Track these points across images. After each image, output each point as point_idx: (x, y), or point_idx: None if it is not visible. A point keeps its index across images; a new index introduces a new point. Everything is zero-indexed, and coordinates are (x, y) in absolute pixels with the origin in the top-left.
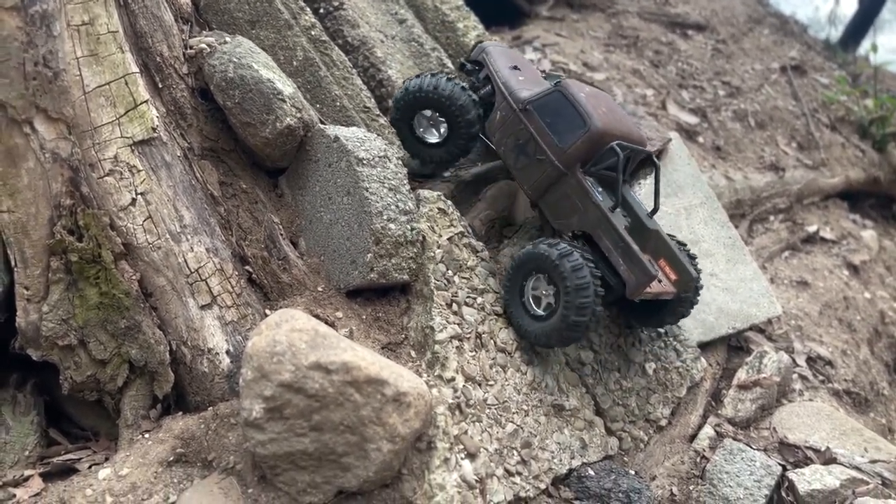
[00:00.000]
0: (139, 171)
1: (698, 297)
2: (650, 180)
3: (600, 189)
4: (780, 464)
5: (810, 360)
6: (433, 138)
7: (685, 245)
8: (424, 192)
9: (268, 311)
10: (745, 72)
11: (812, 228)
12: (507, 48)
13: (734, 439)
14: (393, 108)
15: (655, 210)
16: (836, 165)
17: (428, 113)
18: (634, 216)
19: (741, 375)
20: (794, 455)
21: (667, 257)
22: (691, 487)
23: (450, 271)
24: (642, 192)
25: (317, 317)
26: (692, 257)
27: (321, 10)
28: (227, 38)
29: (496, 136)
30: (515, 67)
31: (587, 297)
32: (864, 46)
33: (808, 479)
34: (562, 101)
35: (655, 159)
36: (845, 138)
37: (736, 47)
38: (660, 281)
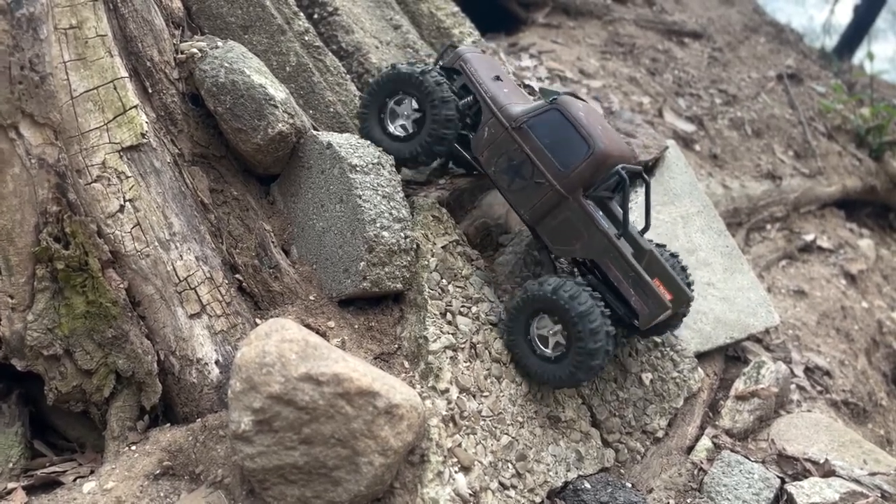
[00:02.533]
0: (127, 177)
1: (687, 313)
2: (641, 191)
3: (601, 213)
4: (778, 476)
5: (808, 371)
6: (398, 132)
7: (677, 256)
8: (419, 200)
9: (258, 321)
10: (741, 80)
11: (809, 237)
12: (483, 54)
13: (732, 451)
14: (370, 85)
15: (647, 228)
16: (833, 174)
17: (404, 102)
18: (630, 238)
19: (739, 386)
20: (793, 467)
21: (661, 277)
22: (689, 500)
23: (444, 280)
24: (637, 200)
25: (308, 326)
26: (684, 269)
27: (315, 16)
28: (219, 43)
29: (484, 156)
30: (497, 78)
31: (599, 355)
32: (859, 56)
33: (808, 492)
34: (560, 120)
35: (646, 176)
36: (842, 147)
37: (732, 55)
38: None
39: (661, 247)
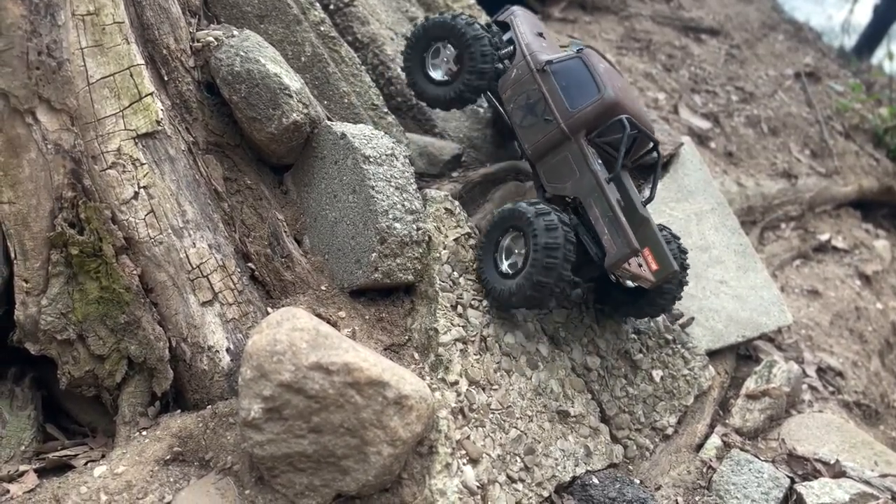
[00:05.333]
0: (142, 164)
1: (681, 293)
2: (660, 185)
3: (600, 161)
4: (788, 476)
5: (820, 371)
6: (439, 75)
7: (678, 238)
8: (431, 192)
9: (270, 310)
10: (758, 77)
11: (824, 237)
12: (534, 17)
13: (741, 450)
14: (409, 38)
15: (650, 199)
16: (850, 174)
17: (442, 49)
18: (628, 201)
19: (750, 385)
20: (803, 467)
21: (651, 247)
22: (697, 498)
23: (455, 272)
24: (660, 194)
25: (319, 316)
26: (683, 251)
27: (331, 6)
28: (235, 32)
29: (507, 93)
30: (541, 34)
31: (555, 257)
32: (878, 56)
33: (818, 492)
34: (580, 68)
35: (658, 149)
36: (859, 146)
37: (750, 53)
38: (640, 265)
39: (663, 229)
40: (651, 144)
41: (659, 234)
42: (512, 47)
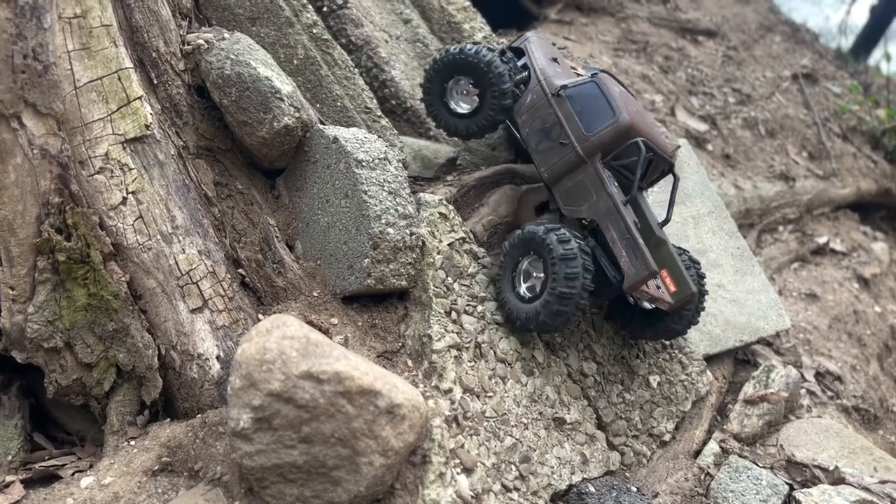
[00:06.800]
0: (131, 169)
1: (698, 318)
2: (657, 188)
3: (616, 184)
4: (786, 483)
5: (819, 375)
6: (463, 109)
7: (698, 263)
8: (425, 196)
9: (261, 316)
10: (755, 79)
11: (822, 240)
12: (550, 42)
13: (740, 456)
14: (428, 70)
15: (667, 221)
16: (848, 176)
17: (462, 82)
18: (644, 222)
19: (748, 390)
20: (802, 474)
21: (669, 269)
22: None
23: (449, 278)
24: (650, 199)
25: (311, 323)
26: (701, 276)
27: (324, 9)
28: (226, 35)
29: (523, 118)
30: (555, 59)
31: (573, 287)
32: (875, 57)
33: (816, 499)
34: (595, 92)
35: (676, 172)
36: (857, 148)
37: (747, 54)
38: (658, 287)
39: (682, 251)
40: (667, 166)
41: (677, 256)
42: (526, 73)
